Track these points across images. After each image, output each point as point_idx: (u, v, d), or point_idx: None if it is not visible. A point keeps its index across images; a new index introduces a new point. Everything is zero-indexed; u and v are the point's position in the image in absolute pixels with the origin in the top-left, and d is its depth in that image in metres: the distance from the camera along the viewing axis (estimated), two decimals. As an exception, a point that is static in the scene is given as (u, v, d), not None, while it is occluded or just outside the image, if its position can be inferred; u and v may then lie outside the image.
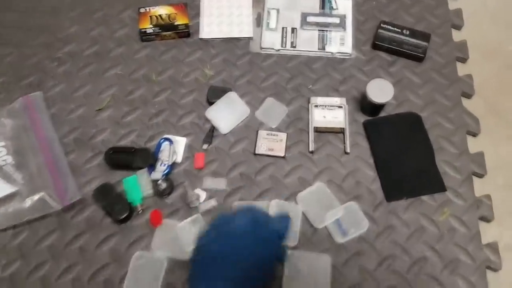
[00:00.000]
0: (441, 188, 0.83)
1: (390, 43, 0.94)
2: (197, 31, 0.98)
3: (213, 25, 0.98)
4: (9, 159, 0.80)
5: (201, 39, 0.97)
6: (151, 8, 0.98)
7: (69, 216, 0.81)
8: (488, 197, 0.83)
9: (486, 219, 0.82)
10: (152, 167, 0.83)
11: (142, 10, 0.98)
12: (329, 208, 0.80)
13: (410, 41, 0.94)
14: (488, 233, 0.81)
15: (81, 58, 0.96)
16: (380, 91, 0.83)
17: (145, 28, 0.96)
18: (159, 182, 0.81)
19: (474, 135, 0.89)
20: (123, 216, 0.79)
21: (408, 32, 0.94)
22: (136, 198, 0.81)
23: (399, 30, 0.95)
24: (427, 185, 0.84)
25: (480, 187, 0.84)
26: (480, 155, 0.87)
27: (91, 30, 0.99)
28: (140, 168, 0.83)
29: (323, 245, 0.78)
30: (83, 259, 0.78)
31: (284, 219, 0.62)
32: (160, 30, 0.96)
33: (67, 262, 0.78)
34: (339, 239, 0.78)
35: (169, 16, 0.97)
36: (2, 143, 0.81)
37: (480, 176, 0.85)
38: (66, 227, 0.81)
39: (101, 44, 0.98)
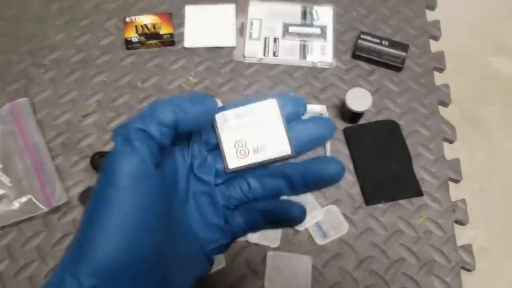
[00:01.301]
0: (418, 192, 0.86)
1: (370, 53, 0.97)
2: (181, 40, 1.00)
3: (197, 34, 1.00)
4: (-4, 163, 0.81)
5: (185, 47, 1.00)
6: (136, 17, 1.00)
7: (56, 217, 0.82)
8: (463, 201, 0.86)
9: (461, 223, 0.85)
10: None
11: (127, 19, 1.00)
12: (310, 211, 0.82)
13: (389, 51, 0.97)
14: (463, 235, 0.84)
15: (67, 65, 0.98)
16: (359, 100, 0.86)
17: (131, 37, 0.98)
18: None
19: (451, 142, 0.92)
20: (108, 219, 0.80)
21: (387, 43, 0.98)
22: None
23: (378, 41, 0.98)
24: (404, 190, 0.86)
25: (455, 192, 0.87)
26: (456, 161, 0.90)
27: (76, 38, 1.01)
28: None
29: (304, 246, 0.80)
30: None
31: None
32: (145, 39, 0.98)
33: (54, 262, 0.79)
34: (320, 241, 0.80)
35: (154, 25, 0.99)
36: (-10, 147, 0.82)
37: (456, 181, 0.88)
38: (53, 228, 0.82)
39: (86, 52, 0.99)
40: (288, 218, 0.35)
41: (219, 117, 0.33)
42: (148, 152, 0.31)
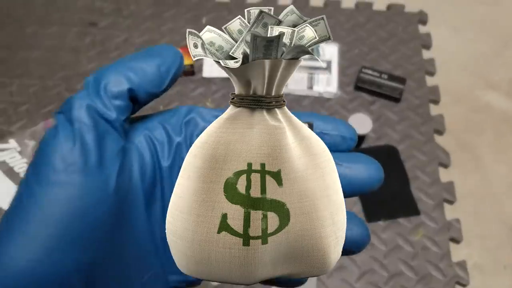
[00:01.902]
0: (416, 212, 0.93)
1: (370, 85, 1.07)
2: (200, 70, 1.11)
3: (214, 66, 1.11)
4: (31, 173, 0.90)
5: (203, 77, 1.10)
6: (161, 49, 1.11)
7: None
8: (458, 220, 0.93)
9: (456, 241, 0.91)
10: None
11: (153, 51, 1.11)
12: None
13: (388, 84, 1.07)
14: (457, 253, 0.90)
15: (97, 91, 1.08)
16: (360, 124, 0.95)
17: (155, 67, 1.09)
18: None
19: (445, 166, 1.00)
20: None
21: (386, 76, 1.07)
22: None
23: (378, 75, 1.08)
24: (403, 209, 0.94)
25: (450, 212, 0.94)
26: (451, 184, 0.97)
27: (106, 67, 1.12)
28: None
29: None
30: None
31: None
32: (168, 69, 1.08)
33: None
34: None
35: (176, 57, 1.10)
36: (25, 160, 0.91)
37: (451, 202, 0.96)
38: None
39: (115, 80, 1.10)
40: None
41: None
42: (94, 137, 0.24)
